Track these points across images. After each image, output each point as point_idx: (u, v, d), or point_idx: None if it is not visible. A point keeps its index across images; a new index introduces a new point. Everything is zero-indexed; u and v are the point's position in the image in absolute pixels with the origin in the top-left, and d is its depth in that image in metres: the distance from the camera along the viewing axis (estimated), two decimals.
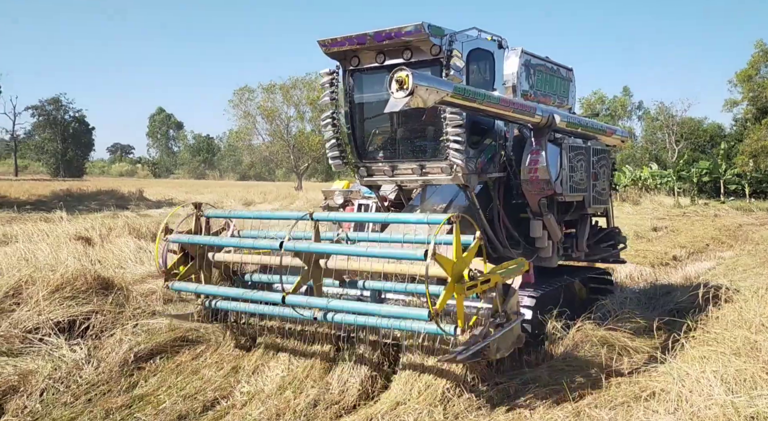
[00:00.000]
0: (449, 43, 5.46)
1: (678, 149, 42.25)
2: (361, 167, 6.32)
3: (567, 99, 7.27)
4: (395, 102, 4.45)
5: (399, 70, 4.43)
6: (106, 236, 11.34)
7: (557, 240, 6.32)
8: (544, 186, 5.84)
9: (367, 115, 6.30)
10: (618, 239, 7.65)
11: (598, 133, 6.87)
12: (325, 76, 6.14)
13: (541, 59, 6.77)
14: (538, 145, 5.84)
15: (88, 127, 68.17)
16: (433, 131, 5.92)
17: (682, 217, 22.11)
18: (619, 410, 4.14)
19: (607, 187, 6.93)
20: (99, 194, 27.71)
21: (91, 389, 4.73)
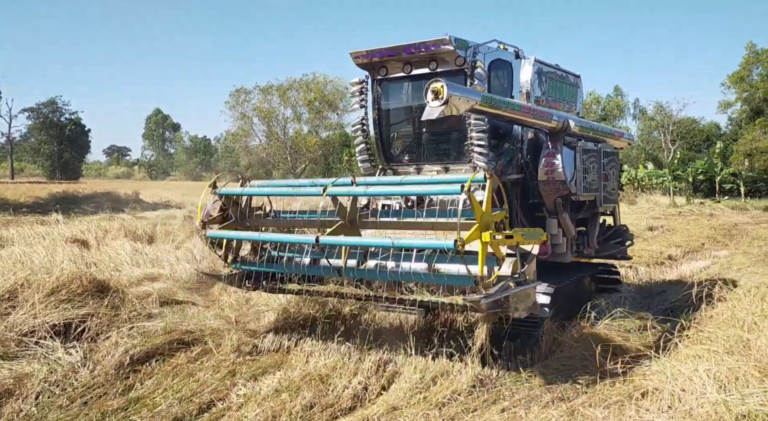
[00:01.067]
0: (473, 54, 5.92)
1: (674, 149, 42.40)
2: (388, 170, 6.72)
3: (575, 104, 7.68)
4: (431, 110, 4.85)
5: (435, 82, 4.83)
6: (102, 239, 11.34)
7: (571, 237, 6.70)
8: (560, 186, 6.23)
9: (393, 120, 6.74)
10: (625, 236, 8.06)
11: (607, 137, 7.30)
12: (354, 85, 6.58)
13: (552, 67, 7.16)
14: (554, 149, 6.26)
15: (84, 130, 68.02)
16: (457, 135, 6.33)
17: (678, 216, 22.19)
18: (612, 409, 4.16)
19: (616, 187, 7.41)
20: (95, 197, 27.64)
21: (86, 392, 4.73)
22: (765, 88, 25.56)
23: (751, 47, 26.29)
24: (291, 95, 46.36)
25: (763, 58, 26.13)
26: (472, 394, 4.69)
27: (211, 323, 6.31)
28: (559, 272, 6.79)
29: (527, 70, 6.65)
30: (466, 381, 4.84)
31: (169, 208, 24.76)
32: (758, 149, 25.07)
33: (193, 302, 7.63)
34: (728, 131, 42.71)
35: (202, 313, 7.04)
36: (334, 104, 46.49)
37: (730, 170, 31.85)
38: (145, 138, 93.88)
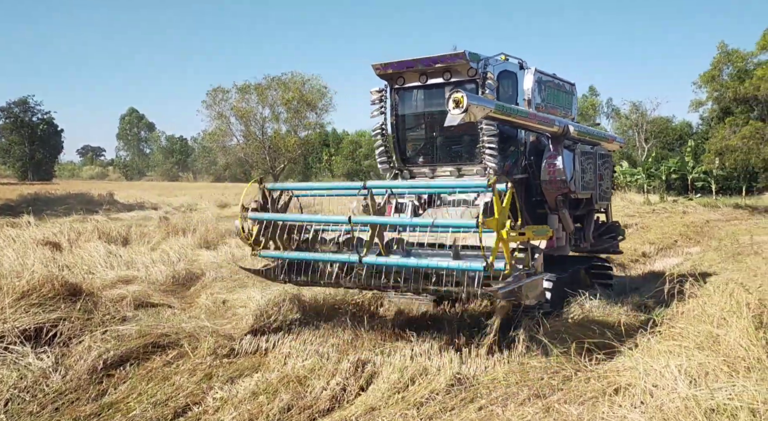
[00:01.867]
0: (484, 66, 6.46)
1: (647, 148, 43.16)
2: (405, 170, 7.27)
3: (571, 110, 8.25)
4: (453, 118, 5.40)
5: (456, 92, 5.37)
6: (74, 241, 11.11)
7: (570, 232, 7.36)
8: (561, 185, 6.86)
9: (409, 125, 7.30)
10: (617, 232, 8.76)
11: (602, 140, 7.99)
12: (374, 93, 7.12)
13: (550, 76, 7.75)
14: (556, 151, 6.87)
15: (57, 130, 66.74)
16: (468, 139, 6.90)
17: (652, 214, 22.62)
18: (587, 405, 4.22)
19: (609, 186, 8.10)
20: (68, 198, 27.04)
21: (58, 398, 4.63)
22: (735, 87, 26.17)
23: (722, 47, 26.88)
24: (269, 94, 46.00)
25: (734, 58, 26.75)
26: (449, 393, 4.71)
27: (187, 325, 6.23)
28: (559, 264, 7.22)
29: (529, 79, 7.22)
30: (444, 380, 4.86)
31: (145, 210, 24.41)
32: (728, 148, 25.66)
33: (168, 305, 7.53)
34: (700, 130, 43.66)
35: (178, 316, 6.95)
36: (313, 104, 46.27)
37: (702, 169, 32.54)
38: (120, 138, 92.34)
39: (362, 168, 74.49)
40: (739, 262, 10.41)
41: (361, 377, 5.00)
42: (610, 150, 8.27)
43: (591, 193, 7.48)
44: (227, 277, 9.07)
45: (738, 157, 25.77)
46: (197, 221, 14.41)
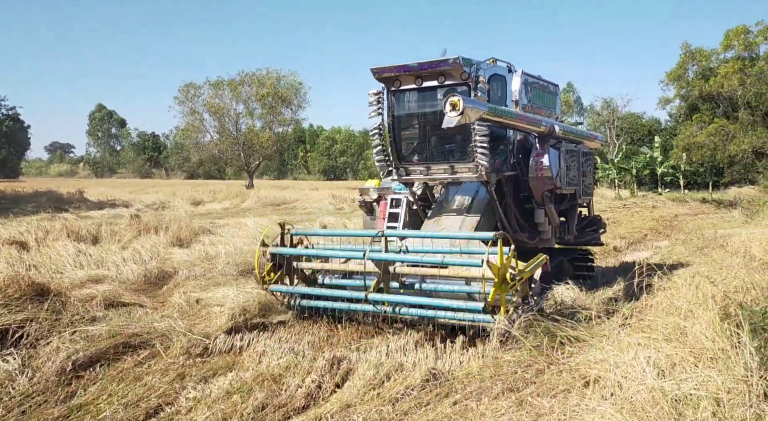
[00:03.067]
0: (476, 70, 6.76)
1: (618, 143, 43.94)
2: (400, 168, 7.57)
3: (554, 110, 8.67)
4: (449, 119, 5.78)
5: (452, 96, 5.76)
6: (42, 240, 10.84)
7: (555, 225, 7.84)
8: (548, 182, 7.32)
9: (405, 126, 7.61)
10: (599, 225, 9.27)
11: (584, 139, 8.49)
12: (372, 96, 7.41)
13: (535, 78, 8.14)
14: (543, 149, 7.35)
15: (23, 126, 64.86)
16: (460, 139, 7.19)
17: (623, 208, 23.07)
18: (559, 397, 4.29)
19: (591, 182, 8.56)
20: (36, 196, 26.36)
21: (25, 401, 4.52)
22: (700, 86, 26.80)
23: (686, 47, 27.50)
24: (243, 90, 45.50)
25: (698, 57, 27.37)
26: (425, 388, 4.74)
27: (159, 325, 6.14)
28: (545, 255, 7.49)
29: (516, 81, 7.64)
30: (419, 376, 4.89)
31: (116, 207, 23.94)
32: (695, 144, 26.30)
33: (140, 304, 7.41)
34: (668, 126, 44.62)
35: (149, 315, 6.84)
36: (288, 100, 45.89)
37: (671, 164, 33.28)
38: (90, 135, 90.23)
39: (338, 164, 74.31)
40: (705, 255, 10.68)
41: (337, 374, 5.00)
42: (592, 148, 8.68)
43: (575, 189, 7.95)
44: (200, 275, 8.97)
45: (704, 153, 26.41)
46: (170, 218, 14.15)
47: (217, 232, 13.49)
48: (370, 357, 5.25)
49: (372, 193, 8.60)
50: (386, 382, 4.84)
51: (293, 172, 75.58)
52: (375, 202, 8.59)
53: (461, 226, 7.30)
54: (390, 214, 8.16)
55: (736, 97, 26.43)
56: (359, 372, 5.00)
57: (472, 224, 7.27)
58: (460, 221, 7.40)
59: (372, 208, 8.68)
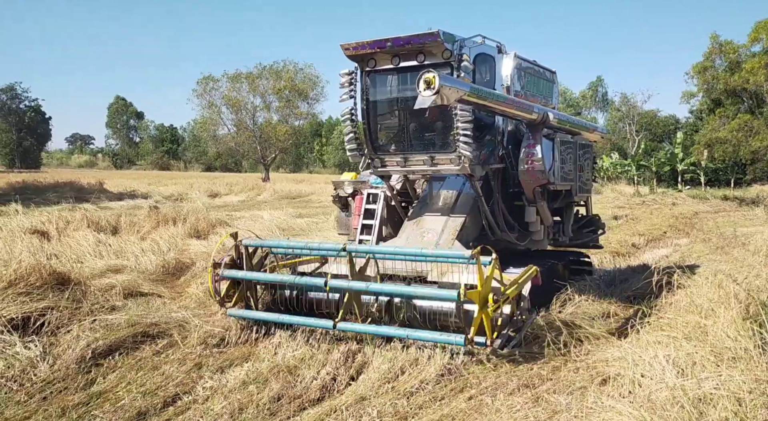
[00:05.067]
0: (459, 48, 6.06)
1: (638, 139, 43.37)
2: (375, 159, 6.85)
3: (551, 99, 7.91)
4: (423, 99, 5.05)
5: (427, 72, 5.02)
6: (63, 230, 11.01)
7: (548, 225, 7.14)
8: (539, 176, 6.53)
9: (381, 111, 6.88)
10: (598, 225, 8.44)
11: (582, 130, 7.63)
12: (344, 76, 6.63)
13: (530, 62, 7.38)
14: (534, 140, 6.54)
15: (45, 117, 65.94)
16: (441, 126, 6.49)
17: (642, 205, 22.78)
18: (576, 394, 4.26)
19: (590, 177, 7.74)
20: (57, 186, 26.79)
21: (46, 387, 4.60)
22: (725, 79, 26.29)
23: (714, 38, 26.96)
24: (260, 83, 45.65)
25: (726, 49, 26.82)
26: (439, 383, 4.72)
27: (176, 315, 6.20)
28: (536, 258, 6.99)
29: (508, 65, 6.84)
30: (434, 370, 4.87)
31: (135, 199, 24.25)
32: (718, 140, 25.85)
33: (158, 294, 7.49)
34: (688, 122, 43.92)
35: (167, 305, 6.92)
36: (305, 93, 45.95)
37: (692, 160, 32.78)
38: (109, 126, 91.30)
39: None
40: (726, 253, 10.51)
41: (352, 366, 5.00)
42: (591, 140, 7.96)
43: (570, 185, 7.17)
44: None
45: (727, 149, 25.97)
46: (187, 210, 14.29)
47: (233, 224, 13.57)
48: (385, 351, 5.25)
49: (346, 188, 7.91)
50: (401, 376, 4.84)
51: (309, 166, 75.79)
52: (350, 197, 7.88)
53: (443, 228, 6.54)
54: (366, 210, 7.40)
55: (762, 93, 25.89)
56: (374, 365, 5.00)
57: (456, 227, 6.51)
58: (443, 222, 6.64)
59: (347, 203, 7.98)
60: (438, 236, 6.47)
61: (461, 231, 6.48)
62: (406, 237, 6.65)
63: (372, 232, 7.28)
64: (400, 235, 6.79)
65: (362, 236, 7.35)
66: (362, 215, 7.39)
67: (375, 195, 7.46)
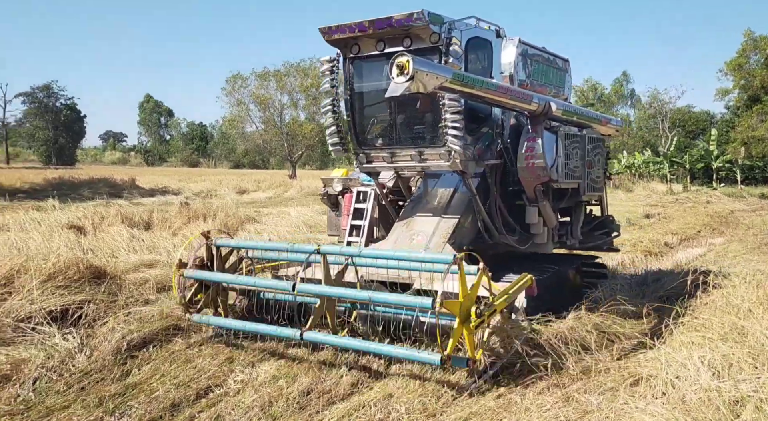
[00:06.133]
0: (448, 30, 5.51)
1: (671, 136, 42.39)
2: (360, 154, 6.37)
3: (563, 89, 7.35)
4: (396, 87, 4.59)
5: (400, 56, 4.56)
6: (98, 225, 11.30)
7: (552, 227, 6.48)
8: (540, 173, 5.96)
9: (366, 102, 6.37)
10: (612, 227, 7.74)
11: (593, 122, 6.95)
12: (325, 63, 6.15)
13: (538, 49, 6.82)
14: (535, 133, 5.97)
15: (80, 115, 67.69)
16: (431, 118, 5.95)
17: (675, 203, 22.27)
18: (607, 395, 4.20)
19: (601, 175, 7.06)
20: (91, 183, 27.52)
21: (84, 378, 4.73)
22: (762, 75, 25.50)
23: (749, 34, 26.17)
24: (288, 81, 46.02)
25: (761, 45, 26.00)
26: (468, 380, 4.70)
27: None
28: (541, 263, 6.64)
29: (511, 52, 6.31)
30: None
31: (166, 195, 24.75)
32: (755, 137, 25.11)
33: None
34: (723, 119, 42.71)
35: None
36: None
37: (727, 158, 31.89)
38: (141, 124, 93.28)
39: None
40: (764, 253, 10.22)
41: (383, 363, 5.02)
42: (604, 134, 7.27)
43: (577, 183, 6.55)
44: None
45: (765, 147, 25.17)
46: (217, 206, 14.55)
47: (261, 220, 13.77)
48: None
49: (335, 185, 7.42)
50: (431, 373, 4.84)
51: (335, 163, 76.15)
52: (340, 195, 7.40)
53: (434, 230, 6.02)
54: (355, 210, 6.94)
55: None
56: (405, 362, 5.01)
57: (448, 229, 6.00)
58: (434, 223, 6.11)
59: (337, 202, 7.48)
60: (428, 239, 5.98)
61: (454, 233, 5.98)
62: (395, 239, 6.17)
63: (361, 233, 6.84)
64: (389, 237, 6.32)
65: (351, 238, 6.90)
66: (351, 215, 6.94)
67: (365, 193, 7.00)
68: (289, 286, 4.94)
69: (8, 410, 4.20)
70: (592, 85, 53.73)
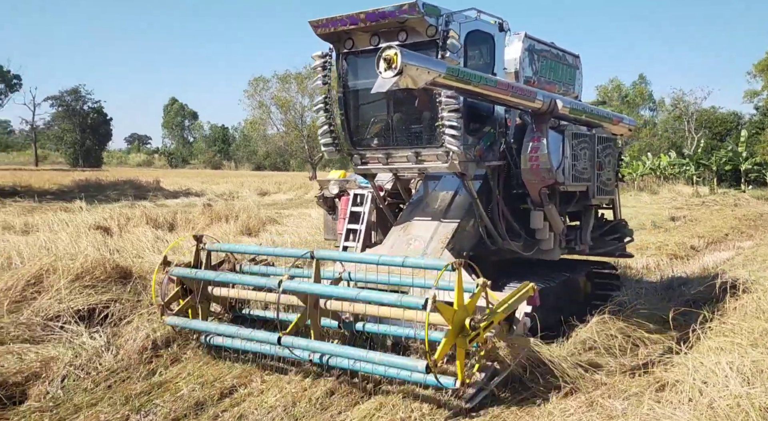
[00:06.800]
0: (446, 23, 5.20)
1: (697, 138, 41.59)
2: (355, 155, 6.06)
3: (573, 86, 7.07)
4: (383, 82, 4.33)
5: (387, 49, 4.29)
6: (124, 226, 11.52)
7: (559, 232, 6.15)
8: (545, 175, 5.65)
9: (361, 100, 6.03)
10: (624, 232, 7.41)
11: (603, 121, 6.56)
12: (317, 59, 5.83)
13: (546, 45, 6.57)
14: (539, 132, 5.63)
15: (106, 118, 68.96)
16: (429, 117, 5.63)
17: (701, 206, 21.84)
18: (632, 400, 4.13)
19: (612, 177, 6.70)
20: (117, 184, 28.07)
21: (110, 376, 4.82)
22: None
23: None
24: (309, 84, 46.31)
25: None
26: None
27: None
28: (547, 269, 6.40)
29: (516, 47, 6.04)
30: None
31: (189, 196, 25.09)
32: None
33: None
34: (752, 120, 41.74)
35: None
36: None
37: (756, 160, 31.17)
38: (165, 127, 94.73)
39: None
40: None
41: None
42: (616, 133, 6.84)
43: (586, 186, 6.20)
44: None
45: None
46: (239, 208, 14.72)
47: (282, 222, 13.88)
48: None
49: (332, 187, 7.13)
50: None
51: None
52: (337, 197, 7.13)
53: (433, 235, 5.72)
54: (351, 213, 6.71)
55: None
56: None
57: (447, 234, 5.69)
58: (433, 228, 5.79)
59: (334, 205, 7.19)
60: (426, 244, 5.67)
61: (453, 238, 5.66)
62: (391, 245, 5.88)
63: (357, 238, 6.60)
64: (385, 242, 6.03)
65: (347, 243, 6.67)
66: (347, 219, 6.70)
67: (362, 196, 6.72)
68: (275, 282, 4.70)
69: (38, 407, 4.30)
70: (616, 86, 53.04)
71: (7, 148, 75.94)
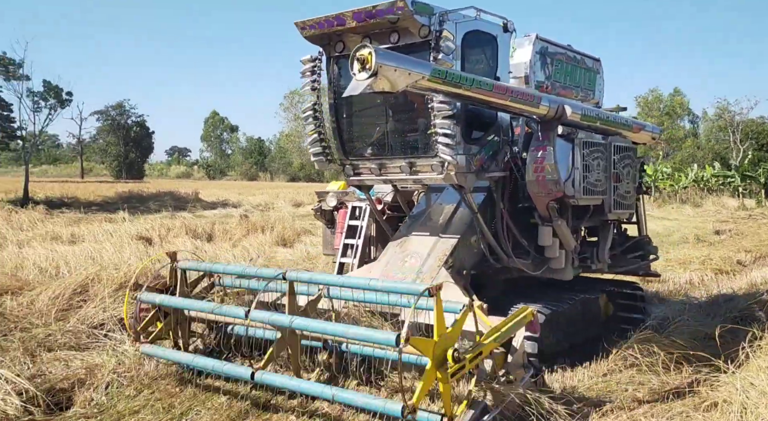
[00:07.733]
0: (439, 22, 4.79)
1: (743, 149, 40.21)
2: (347, 165, 5.69)
3: (593, 92, 6.61)
4: (356, 84, 3.97)
5: (361, 48, 3.90)
6: (164, 236, 11.85)
7: (570, 249, 5.65)
8: (552, 187, 5.15)
9: (353, 107, 5.67)
10: (648, 249, 6.85)
11: (621, 129, 5.97)
12: (306, 63, 5.49)
13: (562, 47, 6.13)
14: (546, 140, 5.14)
15: (149, 132, 71.18)
16: (424, 125, 5.19)
17: (748, 219, 21.05)
18: (676, 419, 4.00)
19: (632, 189, 6.14)
20: (158, 196, 28.89)
21: (153, 384, 4.91)
22: None
23: None
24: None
25: None
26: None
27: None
28: (560, 290, 5.94)
29: (526, 50, 5.64)
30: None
31: (227, 207, 25.59)
32: None
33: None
34: None
35: None
36: None
37: None
38: (203, 140, 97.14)
39: None
40: None
41: None
42: (638, 142, 6.33)
43: (601, 199, 5.69)
44: None
45: None
46: (275, 219, 14.98)
47: (317, 233, 14.00)
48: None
49: (330, 200, 6.81)
50: None
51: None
52: (335, 210, 6.82)
53: (430, 252, 5.29)
54: (349, 227, 6.42)
55: None
56: None
57: (445, 250, 5.24)
58: (431, 244, 5.36)
59: (332, 218, 6.87)
60: (422, 262, 5.26)
61: (452, 255, 5.23)
62: (387, 262, 5.50)
63: (354, 253, 6.32)
64: (381, 258, 5.65)
65: (343, 259, 6.38)
66: (345, 233, 6.38)
67: (361, 209, 6.37)
68: (241, 312, 4.29)
69: (83, 413, 4.42)
70: (656, 97, 51.89)
71: (55, 161, 79.20)
